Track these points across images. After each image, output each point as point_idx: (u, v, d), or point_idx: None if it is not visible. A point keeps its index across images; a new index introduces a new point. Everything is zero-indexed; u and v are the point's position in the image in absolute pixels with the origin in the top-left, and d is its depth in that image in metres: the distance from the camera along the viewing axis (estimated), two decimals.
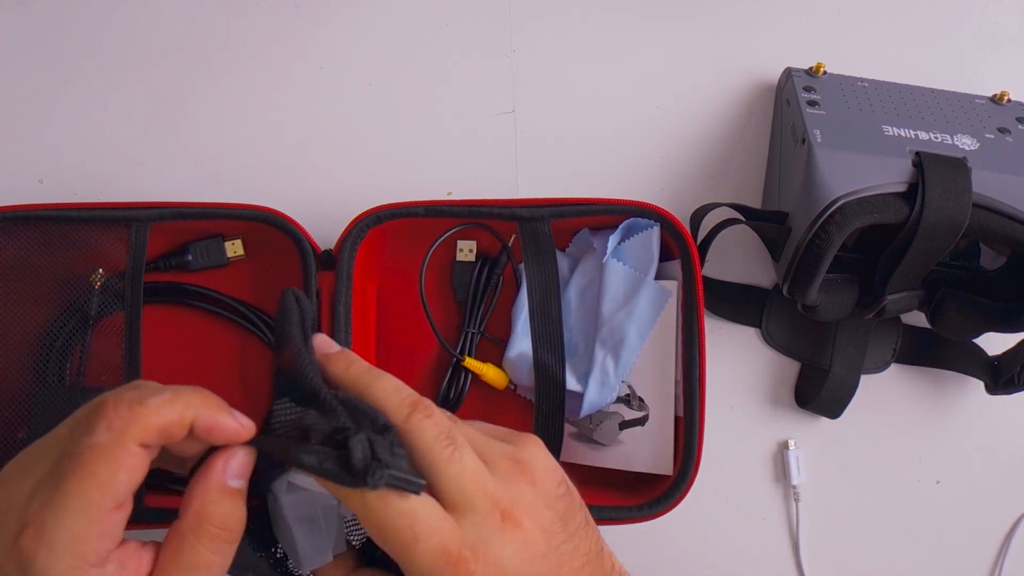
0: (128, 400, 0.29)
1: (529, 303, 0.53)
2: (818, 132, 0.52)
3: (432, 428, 0.31)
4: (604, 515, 0.51)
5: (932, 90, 0.59)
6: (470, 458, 0.32)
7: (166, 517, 0.49)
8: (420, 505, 0.30)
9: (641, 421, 0.55)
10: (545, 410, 0.54)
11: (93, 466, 0.27)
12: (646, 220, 0.53)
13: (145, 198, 0.54)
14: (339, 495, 0.30)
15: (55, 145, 0.61)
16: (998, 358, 0.59)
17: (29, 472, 0.29)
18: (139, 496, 0.31)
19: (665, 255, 0.55)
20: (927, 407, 0.62)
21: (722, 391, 0.61)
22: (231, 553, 0.32)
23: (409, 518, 0.29)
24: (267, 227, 0.53)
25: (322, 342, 0.35)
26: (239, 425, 0.32)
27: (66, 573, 0.27)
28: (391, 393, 0.32)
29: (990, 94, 0.59)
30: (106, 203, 0.53)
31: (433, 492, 0.31)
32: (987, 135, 0.55)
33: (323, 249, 0.54)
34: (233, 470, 0.31)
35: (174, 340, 0.57)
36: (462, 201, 0.53)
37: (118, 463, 0.28)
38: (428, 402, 0.32)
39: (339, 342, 0.52)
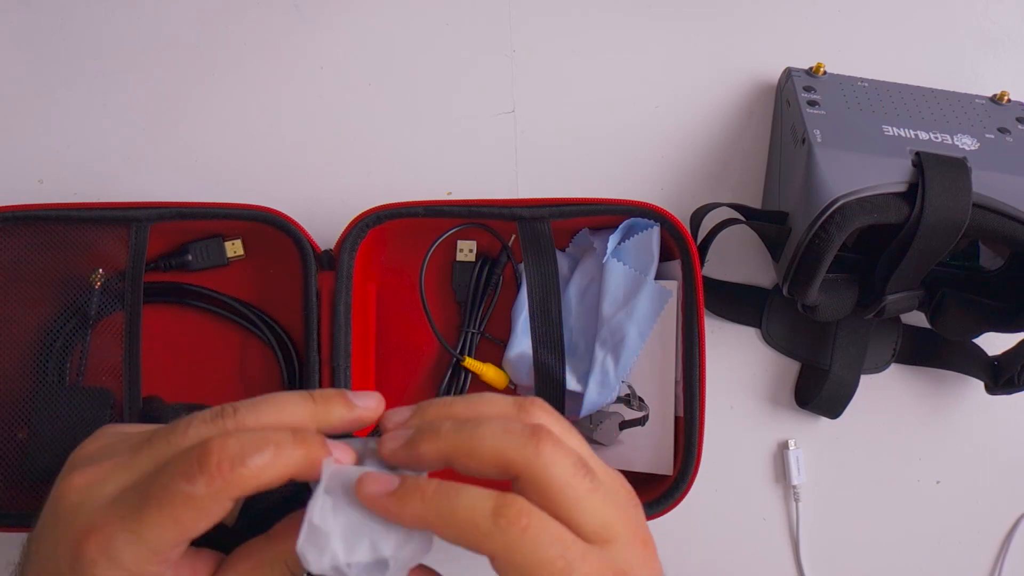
0: (232, 457, 0.27)
1: (529, 303, 0.53)
2: (818, 132, 0.52)
3: (566, 459, 0.28)
4: None
5: (932, 90, 0.59)
6: (604, 484, 0.29)
7: None
8: (567, 535, 0.28)
9: (641, 421, 0.55)
10: None
11: (181, 511, 0.27)
12: (646, 220, 0.53)
13: (145, 198, 0.54)
14: (471, 541, 0.27)
15: (55, 145, 0.61)
16: (998, 358, 0.59)
17: (111, 475, 0.29)
18: None
19: (665, 255, 0.55)
20: (927, 407, 0.62)
21: (722, 391, 0.61)
22: None
23: (560, 547, 0.27)
24: (267, 227, 0.53)
25: (391, 422, 0.31)
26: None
27: None
28: (502, 433, 0.28)
29: (990, 94, 0.59)
30: (106, 203, 0.53)
31: (571, 524, 0.28)
32: (987, 135, 0.55)
33: (323, 249, 0.54)
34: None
35: (174, 340, 0.57)
36: (462, 201, 0.53)
37: (207, 516, 0.27)
38: (545, 428, 0.29)
39: (339, 342, 0.53)
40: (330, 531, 0.28)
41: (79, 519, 0.28)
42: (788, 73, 0.59)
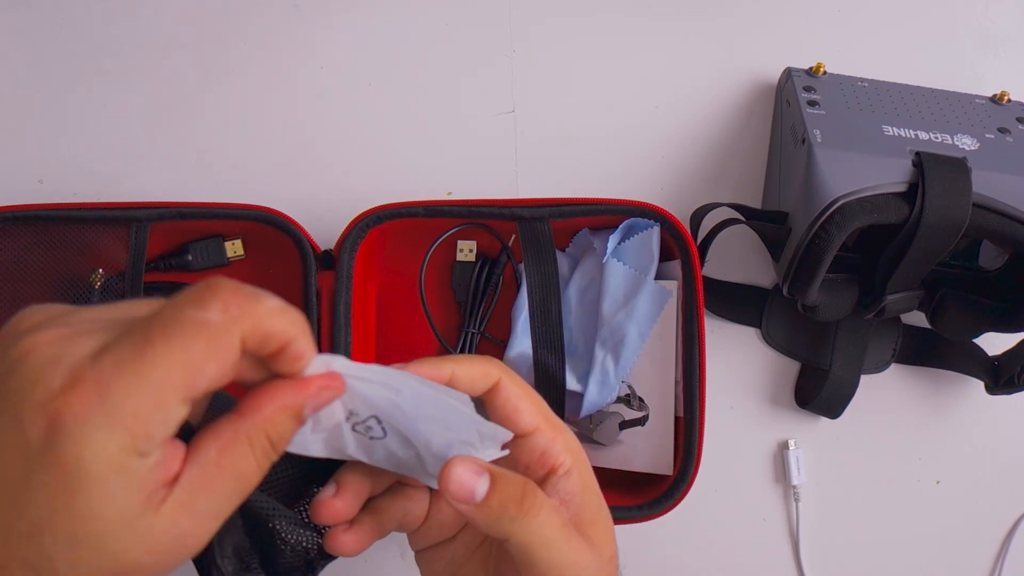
0: (247, 292, 0.26)
1: (529, 303, 0.53)
2: (818, 132, 0.52)
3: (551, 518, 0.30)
4: None
5: (932, 90, 0.59)
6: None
7: None
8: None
9: (641, 421, 0.55)
10: None
11: (192, 342, 0.23)
12: (646, 220, 0.53)
13: (145, 198, 0.54)
14: (504, 522, 0.29)
15: (55, 145, 0.61)
16: (998, 358, 0.59)
17: (89, 330, 0.24)
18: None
19: (665, 255, 0.55)
20: (927, 407, 0.62)
21: (722, 391, 0.61)
22: (264, 474, 0.29)
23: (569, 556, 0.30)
24: (267, 227, 0.53)
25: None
26: (330, 370, 0.29)
27: (113, 453, 0.23)
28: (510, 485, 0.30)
29: (990, 94, 0.59)
30: (106, 203, 0.53)
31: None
32: (987, 135, 0.55)
33: (323, 249, 0.54)
34: (317, 401, 0.29)
35: None
36: (462, 201, 0.53)
37: (217, 351, 0.24)
38: (531, 492, 0.30)
39: (339, 342, 0.53)
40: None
41: (56, 375, 0.23)
42: (788, 73, 0.59)
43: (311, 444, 0.31)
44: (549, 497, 0.31)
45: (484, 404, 0.33)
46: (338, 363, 0.30)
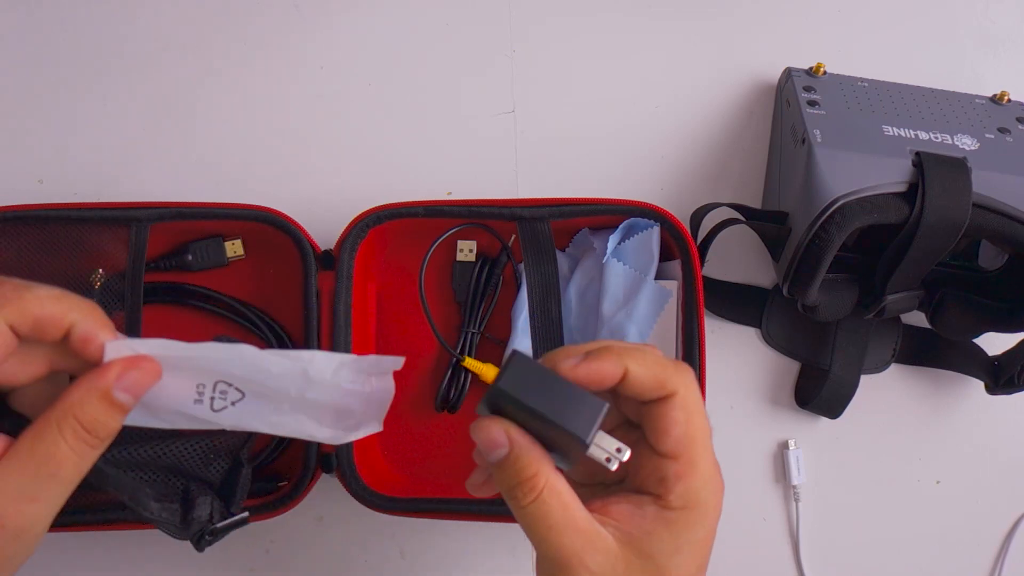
0: (14, 283, 0.29)
1: (529, 303, 0.53)
2: (818, 132, 0.52)
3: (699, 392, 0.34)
4: None
5: (932, 90, 0.59)
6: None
7: None
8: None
9: None
10: None
11: None
12: (646, 220, 0.53)
13: (145, 198, 0.54)
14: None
15: (55, 145, 0.61)
16: (998, 358, 0.59)
17: None
18: None
19: (665, 255, 0.55)
20: (927, 407, 0.62)
21: (722, 391, 0.61)
22: (91, 459, 0.31)
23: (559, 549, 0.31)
24: (267, 227, 0.53)
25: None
26: (124, 348, 0.32)
27: None
28: (659, 358, 0.33)
29: (990, 94, 0.59)
30: (106, 203, 0.53)
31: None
32: (987, 135, 0.55)
33: (323, 249, 0.54)
34: (126, 382, 0.31)
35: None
36: (462, 201, 0.53)
37: None
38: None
39: (339, 342, 0.53)
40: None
41: None
42: (788, 73, 0.59)
43: (165, 418, 0.35)
44: (631, 503, 0.33)
45: (620, 399, 0.34)
46: (148, 346, 0.33)
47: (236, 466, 0.44)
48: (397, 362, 0.37)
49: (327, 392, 0.36)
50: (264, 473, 0.55)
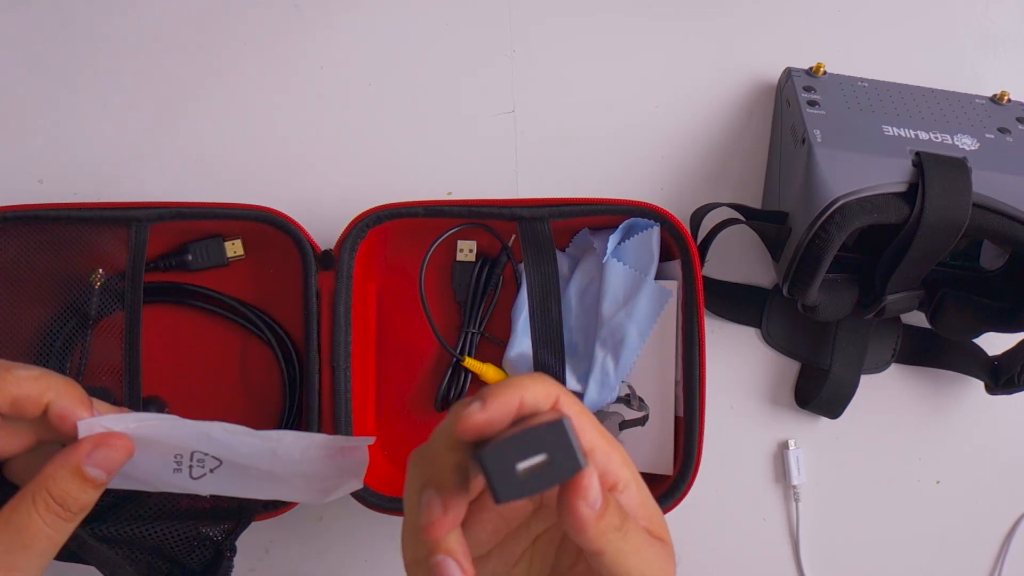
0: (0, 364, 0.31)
1: (529, 303, 0.53)
2: (818, 132, 0.52)
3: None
4: None
5: (932, 90, 0.59)
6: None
7: None
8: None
9: (641, 421, 0.55)
10: None
11: None
12: (646, 220, 0.53)
13: (145, 198, 0.54)
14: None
15: (55, 145, 0.61)
16: (998, 358, 0.59)
17: None
18: None
19: (665, 255, 0.55)
20: (927, 407, 0.62)
21: (722, 391, 0.61)
22: (65, 531, 0.33)
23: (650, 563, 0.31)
24: (267, 227, 0.53)
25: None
26: (99, 426, 0.34)
27: None
28: (540, 380, 0.32)
29: (990, 94, 0.59)
30: (106, 203, 0.53)
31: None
32: (987, 135, 0.55)
33: (323, 249, 0.54)
34: (96, 459, 0.33)
35: (174, 340, 0.57)
36: (462, 201, 0.53)
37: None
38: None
39: (339, 342, 0.53)
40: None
41: None
42: (788, 73, 0.59)
43: (147, 484, 0.37)
44: None
45: None
46: (122, 422, 0.35)
47: (218, 557, 0.45)
48: (367, 441, 0.38)
49: (298, 467, 0.37)
50: None
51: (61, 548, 0.35)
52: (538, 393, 0.30)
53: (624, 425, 0.55)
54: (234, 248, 0.57)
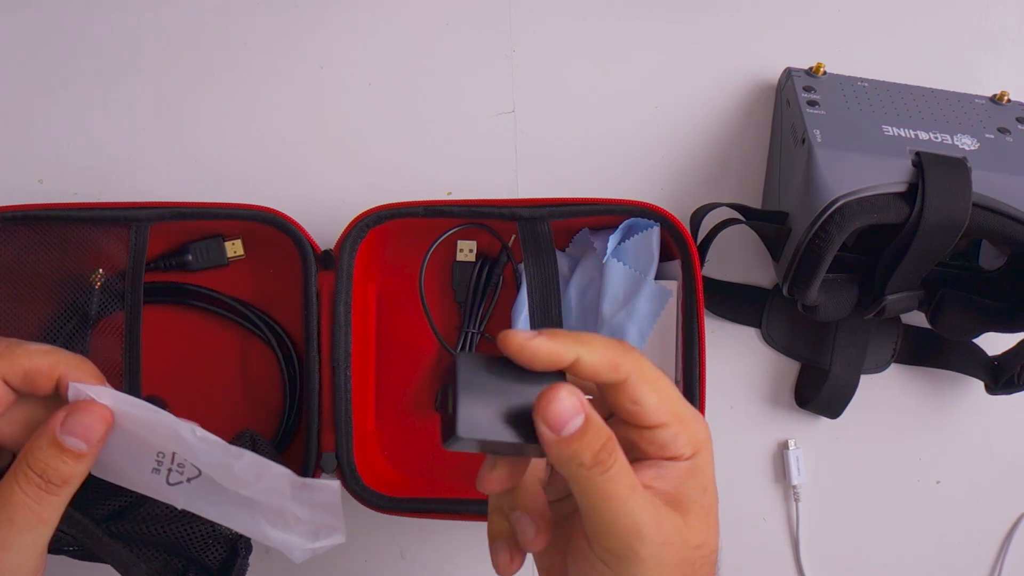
0: (9, 341, 0.31)
1: (529, 303, 0.53)
2: (818, 132, 0.52)
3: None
4: None
5: (932, 90, 0.59)
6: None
7: None
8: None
9: None
10: None
11: None
12: (646, 220, 0.53)
13: (145, 198, 0.54)
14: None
15: (55, 145, 0.61)
16: (998, 358, 0.59)
17: None
18: None
19: (665, 255, 0.55)
20: (927, 407, 0.62)
21: (722, 391, 0.61)
22: (51, 505, 0.32)
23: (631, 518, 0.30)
24: (267, 227, 0.53)
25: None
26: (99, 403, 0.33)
27: None
28: (608, 341, 0.32)
29: (990, 94, 0.59)
30: (106, 203, 0.53)
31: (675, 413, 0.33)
32: (987, 135, 0.55)
33: (323, 249, 0.54)
34: (70, 426, 0.32)
35: (174, 340, 0.57)
36: (462, 201, 0.53)
37: None
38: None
39: (339, 342, 0.53)
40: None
41: None
42: (788, 73, 0.59)
43: (129, 482, 0.35)
44: (650, 468, 0.32)
45: (601, 392, 0.33)
46: (108, 395, 0.33)
47: (233, 555, 0.44)
48: (332, 484, 0.36)
49: (255, 493, 0.35)
50: None
51: (77, 545, 0.34)
52: (600, 362, 0.31)
53: None
54: (234, 248, 0.57)
